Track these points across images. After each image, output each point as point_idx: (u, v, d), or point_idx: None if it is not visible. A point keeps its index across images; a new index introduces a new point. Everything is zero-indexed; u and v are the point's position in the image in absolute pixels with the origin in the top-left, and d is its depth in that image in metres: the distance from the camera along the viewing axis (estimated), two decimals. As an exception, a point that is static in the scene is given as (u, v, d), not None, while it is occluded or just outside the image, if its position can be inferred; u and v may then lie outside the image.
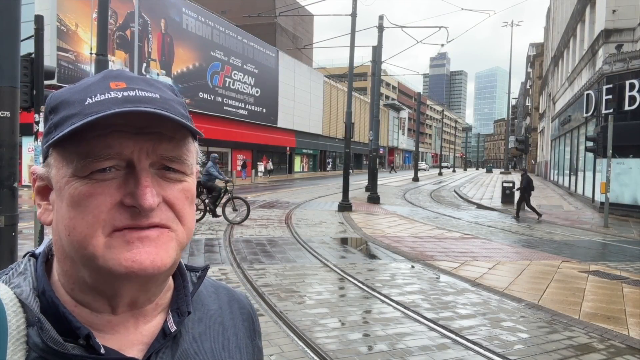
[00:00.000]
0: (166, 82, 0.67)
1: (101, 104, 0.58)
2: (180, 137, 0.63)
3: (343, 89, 59.19)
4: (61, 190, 0.60)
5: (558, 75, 37.46)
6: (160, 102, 0.61)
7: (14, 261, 5.15)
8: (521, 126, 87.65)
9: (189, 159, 0.65)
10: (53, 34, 21.46)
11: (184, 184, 0.64)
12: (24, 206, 14.48)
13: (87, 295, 0.62)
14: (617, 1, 19.57)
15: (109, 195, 0.58)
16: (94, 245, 0.58)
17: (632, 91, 16.45)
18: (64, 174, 0.60)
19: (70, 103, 0.60)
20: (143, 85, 0.62)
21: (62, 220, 0.60)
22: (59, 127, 0.60)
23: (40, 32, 6.39)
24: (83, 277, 0.61)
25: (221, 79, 35.29)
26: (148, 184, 0.59)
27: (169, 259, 0.61)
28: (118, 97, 0.59)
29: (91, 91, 0.61)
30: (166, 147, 0.61)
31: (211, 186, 12.74)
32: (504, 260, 9.07)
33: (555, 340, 5.03)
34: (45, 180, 0.64)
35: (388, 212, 17.29)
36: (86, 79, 0.64)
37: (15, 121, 4.99)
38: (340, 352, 4.54)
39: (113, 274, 0.58)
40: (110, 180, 0.59)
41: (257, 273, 7.47)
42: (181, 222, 0.64)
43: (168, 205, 0.62)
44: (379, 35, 21.10)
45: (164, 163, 0.62)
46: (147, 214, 0.59)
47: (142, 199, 0.58)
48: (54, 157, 0.61)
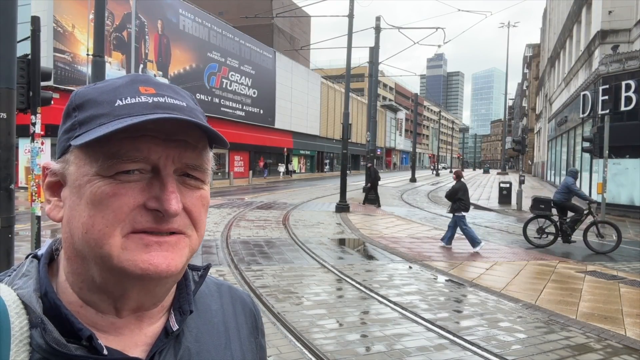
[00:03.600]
0: (187, 92, 0.68)
1: (132, 107, 0.59)
2: (202, 146, 0.65)
3: (340, 90, 59.24)
4: (81, 188, 0.60)
5: (554, 76, 37.59)
6: (188, 110, 0.63)
7: (10, 263, 5.14)
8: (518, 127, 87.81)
9: (208, 168, 0.67)
10: (49, 35, 21.39)
11: (201, 192, 0.65)
12: (20, 208, 14.42)
13: (94, 295, 0.62)
14: (613, 2, 19.66)
15: (132, 197, 0.59)
16: (110, 245, 0.58)
17: (628, 92, 16.52)
18: (85, 172, 0.60)
19: (98, 102, 0.61)
20: (171, 93, 0.64)
21: (79, 218, 0.60)
22: (85, 125, 0.60)
23: (37, 34, 6.37)
24: (92, 276, 0.61)
25: (218, 80, 35.26)
26: (174, 189, 0.60)
27: (181, 264, 0.62)
28: (149, 102, 0.60)
29: (120, 93, 0.61)
30: (190, 155, 0.63)
31: (571, 206, 10.77)
32: (501, 260, 9.09)
33: (552, 340, 5.05)
34: (58, 176, 0.64)
35: (385, 212, 17.30)
36: (112, 80, 0.65)
37: (12, 123, 4.98)
38: (338, 353, 4.54)
39: (127, 274, 0.59)
40: (135, 182, 0.59)
41: (254, 274, 7.46)
42: (196, 229, 0.65)
43: (186, 212, 0.63)
44: (376, 37, 21.14)
45: (187, 171, 0.63)
46: (168, 219, 0.60)
47: (167, 204, 0.59)
48: (75, 154, 0.61)
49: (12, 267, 0.67)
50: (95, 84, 0.65)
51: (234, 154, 38.19)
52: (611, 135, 14.22)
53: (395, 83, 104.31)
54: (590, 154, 16.99)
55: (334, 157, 62.59)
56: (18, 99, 5.76)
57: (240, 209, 16.72)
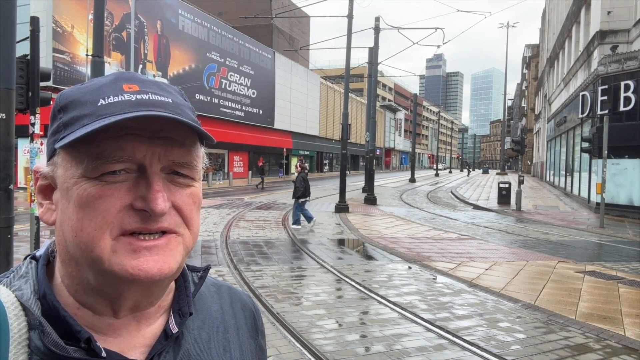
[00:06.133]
0: (175, 87, 0.67)
1: (114, 106, 0.58)
2: (190, 143, 0.63)
3: (340, 90, 59.24)
4: (68, 191, 0.59)
5: (553, 76, 37.60)
6: (172, 106, 0.61)
7: (10, 263, 5.13)
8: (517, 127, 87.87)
9: (198, 164, 0.65)
10: (49, 35, 21.36)
11: (192, 189, 0.64)
12: (19, 208, 14.40)
13: (90, 297, 0.62)
14: (612, 2, 19.67)
15: (119, 197, 0.58)
16: (100, 248, 0.58)
17: (627, 92, 16.54)
18: (72, 174, 0.59)
19: (81, 103, 0.60)
20: (155, 89, 0.62)
21: (69, 221, 0.59)
22: (69, 126, 0.59)
23: (36, 34, 6.37)
24: (87, 278, 0.60)
25: (217, 81, 35.25)
26: (160, 188, 0.59)
27: (175, 264, 0.61)
28: (132, 99, 0.59)
29: (104, 92, 0.60)
30: (177, 152, 0.62)
31: None
32: (501, 260, 9.10)
33: (551, 340, 5.05)
34: (49, 179, 0.63)
35: (385, 213, 17.30)
36: (96, 80, 0.64)
37: (11, 123, 4.98)
38: (337, 353, 4.54)
39: (119, 278, 0.58)
40: (121, 183, 0.59)
41: (254, 275, 7.46)
42: (188, 227, 0.64)
43: (176, 210, 0.62)
44: (375, 37, 21.13)
45: (175, 168, 0.62)
46: (157, 218, 0.59)
47: (153, 204, 0.58)
48: (62, 156, 0.61)
49: (11, 269, 0.66)
50: (80, 85, 0.64)
51: (233, 155, 38.18)
52: (610, 135, 14.23)
53: (394, 83, 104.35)
54: (589, 154, 17.01)
55: (333, 157, 62.58)
56: (17, 99, 5.76)
57: (240, 209, 16.72)
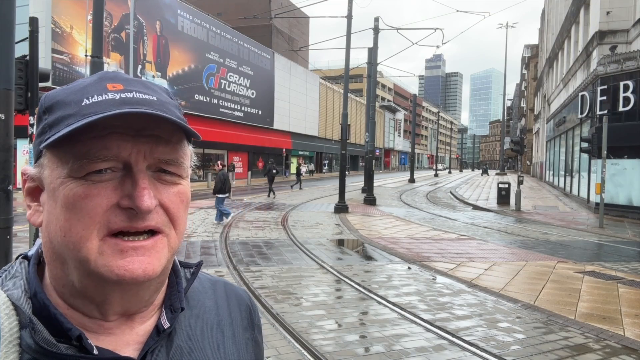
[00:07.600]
0: (162, 85, 0.67)
1: (98, 105, 0.58)
2: (176, 140, 0.63)
3: (339, 90, 59.25)
4: (55, 191, 0.59)
5: (553, 76, 37.62)
6: (157, 104, 0.61)
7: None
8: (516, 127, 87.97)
9: (185, 162, 0.65)
10: (48, 36, 21.35)
11: (179, 187, 0.64)
12: (18, 209, 14.39)
13: (77, 300, 0.61)
14: (611, 2, 19.69)
15: (105, 196, 0.58)
16: (88, 248, 0.57)
17: (626, 92, 16.55)
18: (58, 174, 0.59)
19: (66, 103, 0.60)
20: (140, 88, 0.62)
21: (57, 222, 0.59)
22: (54, 127, 0.59)
23: (35, 34, 6.37)
24: (72, 281, 0.60)
25: (217, 81, 35.24)
26: (146, 185, 0.59)
27: (160, 267, 0.61)
28: (116, 98, 0.59)
29: (88, 92, 0.60)
30: (163, 150, 0.61)
31: None
32: (500, 261, 9.09)
33: (551, 340, 5.05)
34: (36, 181, 0.63)
35: (384, 213, 17.30)
36: (81, 80, 0.64)
37: (10, 123, 4.97)
38: (337, 354, 4.53)
39: (104, 279, 0.58)
40: (107, 182, 0.58)
41: (253, 275, 7.45)
42: (174, 226, 0.63)
43: (163, 208, 0.62)
44: (375, 37, 21.15)
45: (161, 166, 0.62)
46: (143, 217, 0.59)
47: (139, 201, 0.58)
48: (48, 157, 0.60)
49: (3, 269, 0.66)
50: (65, 86, 0.64)
51: (232, 155, 38.17)
52: (609, 135, 14.23)
53: (394, 84, 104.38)
54: (588, 154, 17.02)
55: (333, 157, 62.59)
56: (16, 99, 5.76)
57: (239, 209, 16.71)
